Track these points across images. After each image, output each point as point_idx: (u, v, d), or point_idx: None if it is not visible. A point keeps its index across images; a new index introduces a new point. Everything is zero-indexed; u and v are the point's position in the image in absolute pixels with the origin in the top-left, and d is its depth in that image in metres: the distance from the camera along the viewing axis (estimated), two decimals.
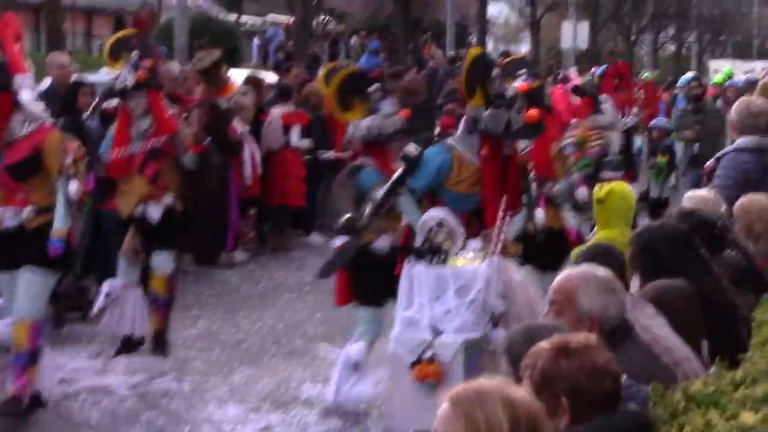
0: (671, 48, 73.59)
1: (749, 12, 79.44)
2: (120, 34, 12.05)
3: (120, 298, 10.91)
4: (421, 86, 20.16)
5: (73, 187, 9.20)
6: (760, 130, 10.27)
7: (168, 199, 10.85)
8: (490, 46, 52.23)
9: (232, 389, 10.05)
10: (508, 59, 13.12)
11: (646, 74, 27.02)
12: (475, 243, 8.77)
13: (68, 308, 12.69)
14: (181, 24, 26.58)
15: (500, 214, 8.57)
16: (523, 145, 9.85)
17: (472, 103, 9.12)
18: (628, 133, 16.18)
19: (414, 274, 8.55)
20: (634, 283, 6.27)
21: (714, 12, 70.52)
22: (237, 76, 16.19)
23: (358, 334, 9.59)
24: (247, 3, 53.59)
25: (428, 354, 8.18)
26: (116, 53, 11.13)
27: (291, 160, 16.45)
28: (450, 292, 8.45)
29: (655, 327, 5.42)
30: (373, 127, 9.66)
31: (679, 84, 23.30)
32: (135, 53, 10.93)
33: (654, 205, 18.57)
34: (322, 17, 46.81)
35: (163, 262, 10.95)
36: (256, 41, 41.36)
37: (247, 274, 14.46)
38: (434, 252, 8.58)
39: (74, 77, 14.14)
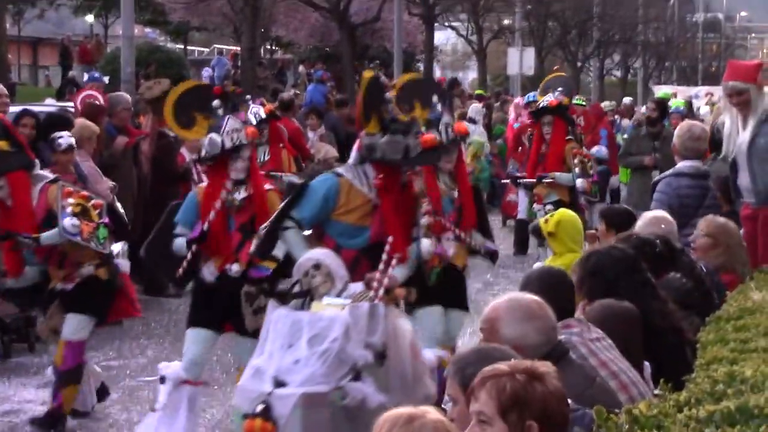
0: (617, 74, 73.96)
1: (693, 38, 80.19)
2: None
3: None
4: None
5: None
6: (700, 155, 10.40)
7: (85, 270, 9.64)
8: (437, 72, 52.36)
9: None
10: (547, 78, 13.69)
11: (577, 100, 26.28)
12: (357, 286, 8.02)
13: (15, 340, 12.64)
14: (128, 54, 26.49)
15: (384, 256, 8.21)
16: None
17: (367, 129, 8.59)
18: None
19: (271, 319, 7.82)
20: (580, 307, 6.31)
21: (659, 38, 71.13)
22: None
23: None
24: (192, 32, 53.54)
25: (259, 408, 7.42)
26: None
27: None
28: (303, 340, 7.59)
29: (602, 350, 5.47)
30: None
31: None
32: None
33: None
34: (269, 45, 46.84)
35: (69, 326, 9.68)
36: (205, 72, 41.30)
37: None
38: (305, 296, 7.89)
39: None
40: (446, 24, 56.12)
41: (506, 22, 56.70)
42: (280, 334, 7.66)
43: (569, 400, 4.30)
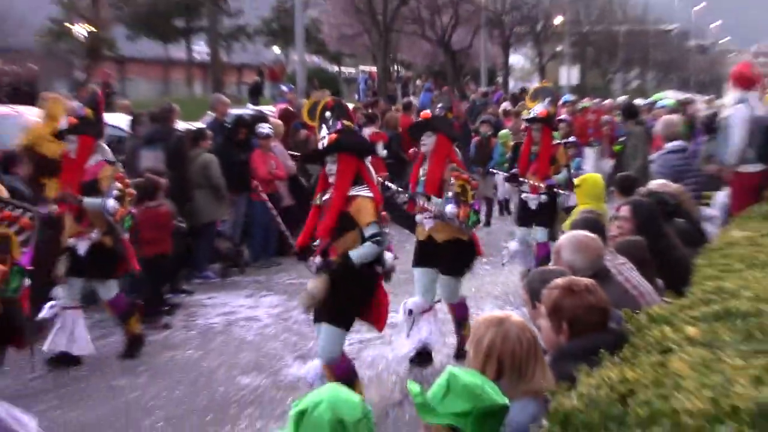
0: (636, 83, 72.94)
1: (688, 58, 79.34)
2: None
3: (60, 319, 8.61)
4: (463, 113, 20.15)
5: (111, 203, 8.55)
6: (678, 136, 10.43)
7: (94, 235, 8.65)
8: (511, 83, 51.85)
9: None
10: (536, 87, 12.77)
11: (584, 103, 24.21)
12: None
13: (230, 265, 12.84)
14: (301, 73, 26.65)
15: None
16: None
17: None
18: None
19: None
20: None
21: (665, 58, 70.23)
22: None
23: None
24: (344, 58, 53.66)
25: None
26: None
27: (376, 165, 16.46)
28: None
29: (625, 271, 5.41)
30: None
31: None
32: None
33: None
34: (396, 66, 46.77)
35: (102, 290, 8.89)
36: (362, 84, 41.06)
37: None
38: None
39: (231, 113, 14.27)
40: (518, 50, 55.73)
41: (558, 48, 56.06)
42: None
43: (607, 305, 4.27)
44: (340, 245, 6.65)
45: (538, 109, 10.98)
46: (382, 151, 16.50)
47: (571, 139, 15.31)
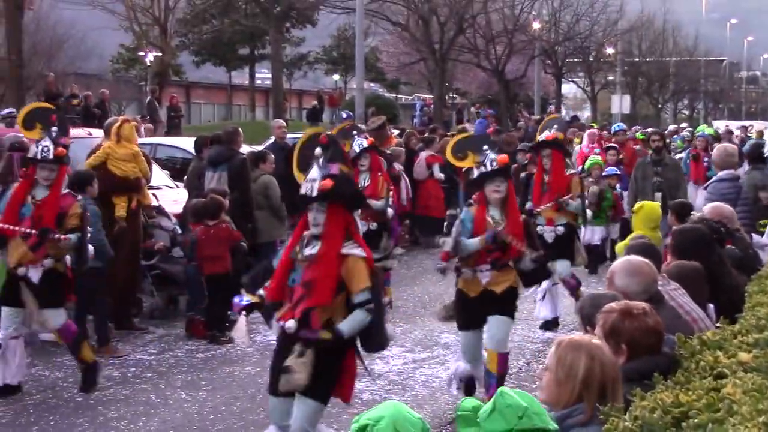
0: (686, 112, 72.26)
1: (739, 88, 78.49)
2: (33, 105, 8.54)
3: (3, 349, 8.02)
4: (516, 139, 20.08)
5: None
6: (733, 165, 10.31)
7: (47, 262, 7.89)
8: (563, 112, 51.68)
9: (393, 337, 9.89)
10: (549, 116, 12.23)
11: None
12: None
13: None
14: (359, 99, 26.80)
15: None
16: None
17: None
18: None
19: None
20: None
21: (715, 88, 69.54)
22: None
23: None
24: (401, 86, 53.91)
25: None
26: (29, 123, 7.95)
27: (432, 186, 16.59)
28: None
29: (678, 296, 5.34)
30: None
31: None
32: (55, 129, 7.81)
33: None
34: (451, 94, 46.86)
35: (51, 317, 8.03)
36: (418, 110, 40.99)
37: (403, 263, 14.49)
38: None
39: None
40: (570, 79, 55.50)
41: (610, 77, 55.75)
42: None
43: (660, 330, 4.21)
44: (326, 311, 5.61)
45: (546, 134, 10.26)
46: (439, 174, 16.55)
47: (613, 170, 14.77)
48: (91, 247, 8.17)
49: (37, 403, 7.92)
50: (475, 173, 7.63)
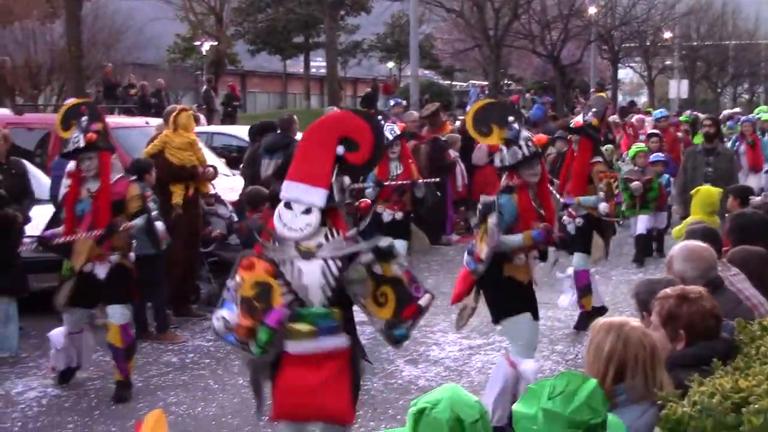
0: (746, 96, 71.02)
1: None
2: (66, 106, 8.08)
3: (65, 345, 7.96)
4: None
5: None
6: None
7: (114, 258, 7.71)
8: (620, 98, 51.11)
9: (450, 323, 9.61)
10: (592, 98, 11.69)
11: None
12: None
13: None
14: (414, 87, 26.78)
15: None
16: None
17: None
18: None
19: None
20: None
21: None
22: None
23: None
24: (456, 72, 53.72)
25: None
26: (66, 123, 7.77)
27: (491, 172, 16.53)
28: None
29: (738, 282, 5.28)
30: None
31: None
32: (84, 118, 7.57)
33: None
34: (506, 80, 46.60)
35: (116, 313, 7.80)
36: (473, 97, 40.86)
37: (459, 249, 14.44)
38: None
39: None
40: (627, 64, 54.87)
41: (668, 62, 55.02)
42: None
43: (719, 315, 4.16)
44: None
45: (576, 119, 9.96)
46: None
47: (659, 156, 14.42)
48: (161, 224, 8.24)
49: (98, 388, 8.05)
50: (505, 152, 6.92)
